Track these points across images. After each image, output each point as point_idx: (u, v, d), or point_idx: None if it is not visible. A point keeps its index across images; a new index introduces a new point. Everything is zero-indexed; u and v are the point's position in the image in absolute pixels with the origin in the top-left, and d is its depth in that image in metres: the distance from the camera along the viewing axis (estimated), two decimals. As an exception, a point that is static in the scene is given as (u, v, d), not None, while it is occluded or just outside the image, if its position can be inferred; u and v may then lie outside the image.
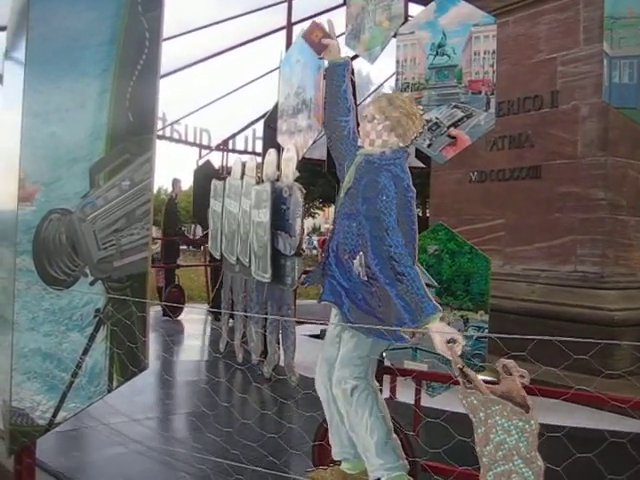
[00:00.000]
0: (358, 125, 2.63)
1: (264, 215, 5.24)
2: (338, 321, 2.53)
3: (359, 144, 2.60)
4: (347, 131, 2.64)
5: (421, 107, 2.57)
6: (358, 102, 6.95)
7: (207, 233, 7.46)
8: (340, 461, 2.62)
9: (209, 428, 3.49)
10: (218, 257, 6.78)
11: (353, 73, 3.15)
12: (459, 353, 2.15)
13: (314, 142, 5.16)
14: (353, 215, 2.42)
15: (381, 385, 2.89)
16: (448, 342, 2.15)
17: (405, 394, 3.09)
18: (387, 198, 2.31)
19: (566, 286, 5.77)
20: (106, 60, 2.72)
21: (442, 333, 2.18)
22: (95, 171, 2.72)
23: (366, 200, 2.36)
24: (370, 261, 2.34)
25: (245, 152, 11.63)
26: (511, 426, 1.95)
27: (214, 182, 6.84)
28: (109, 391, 2.72)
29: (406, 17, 3.41)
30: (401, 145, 2.47)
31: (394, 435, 2.48)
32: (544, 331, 2.08)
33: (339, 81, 2.68)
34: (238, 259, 5.98)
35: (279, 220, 5.16)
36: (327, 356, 2.58)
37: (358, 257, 2.40)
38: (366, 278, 2.38)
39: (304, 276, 5.49)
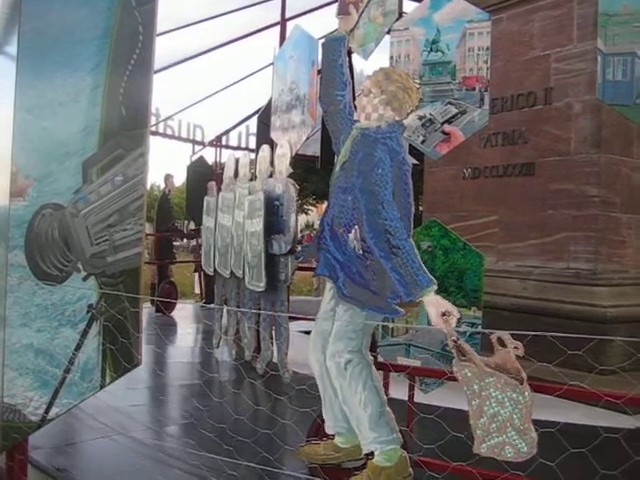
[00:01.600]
0: (354, 99, 2.63)
1: (257, 224, 5.20)
2: (332, 295, 2.53)
3: (355, 118, 2.59)
4: (343, 105, 2.63)
5: (417, 81, 2.56)
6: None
7: (199, 229, 7.39)
8: (333, 435, 2.63)
9: (202, 424, 3.49)
10: (211, 273, 6.56)
11: (350, 52, 3.16)
12: (453, 325, 2.16)
13: (307, 138, 5.14)
14: (348, 189, 2.41)
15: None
16: (443, 315, 2.16)
17: (398, 390, 3.09)
18: (382, 171, 2.31)
19: (559, 283, 5.79)
20: (99, 55, 2.70)
21: (437, 306, 2.18)
22: (88, 166, 2.71)
23: (361, 173, 2.35)
24: (365, 235, 2.34)
25: (239, 148, 11.57)
26: (505, 398, 1.96)
27: (206, 199, 6.70)
28: (102, 387, 2.71)
29: (400, 13, 3.40)
30: (397, 119, 2.47)
31: (387, 408, 2.47)
32: (537, 327, 2.09)
33: (335, 55, 2.68)
34: (232, 273, 5.88)
35: (273, 217, 5.14)
36: (321, 330, 2.57)
37: (353, 231, 2.40)
38: (361, 252, 2.38)
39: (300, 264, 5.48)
